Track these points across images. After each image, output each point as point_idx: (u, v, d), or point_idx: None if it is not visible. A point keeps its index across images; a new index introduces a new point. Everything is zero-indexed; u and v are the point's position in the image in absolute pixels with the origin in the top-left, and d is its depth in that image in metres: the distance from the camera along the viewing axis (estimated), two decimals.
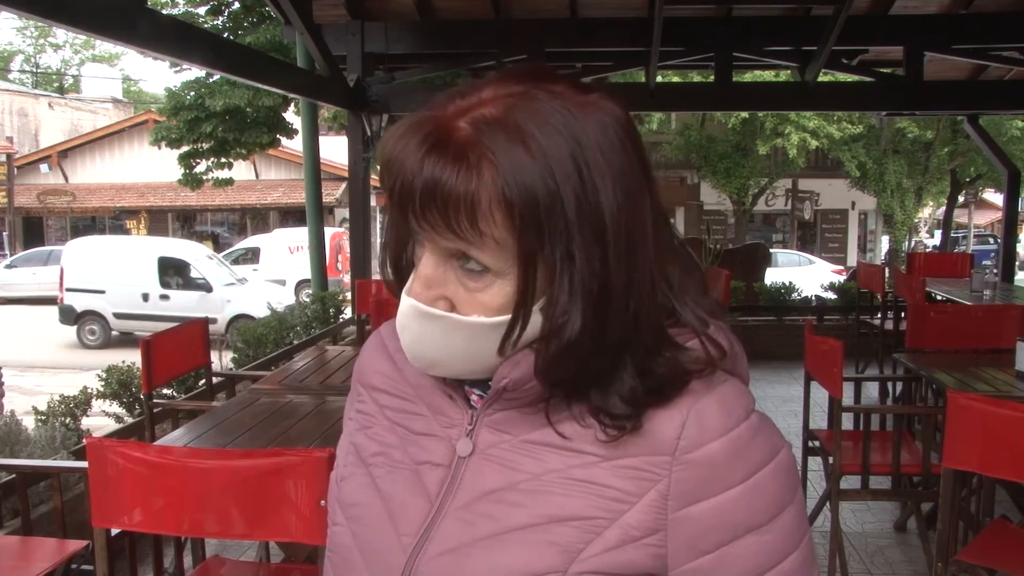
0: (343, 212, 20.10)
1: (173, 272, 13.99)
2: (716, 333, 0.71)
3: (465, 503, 0.71)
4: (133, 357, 3.97)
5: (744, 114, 18.07)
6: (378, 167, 0.68)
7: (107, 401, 4.47)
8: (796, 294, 8.62)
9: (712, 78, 7.22)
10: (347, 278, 12.58)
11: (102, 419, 4.52)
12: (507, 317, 0.66)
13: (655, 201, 0.69)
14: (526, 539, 0.67)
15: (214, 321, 9.66)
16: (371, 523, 0.74)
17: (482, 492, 0.71)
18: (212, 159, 11.52)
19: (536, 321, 0.67)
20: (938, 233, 25.83)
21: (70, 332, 13.98)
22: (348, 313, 7.25)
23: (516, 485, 0.69)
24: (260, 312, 9.70)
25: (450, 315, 0.67)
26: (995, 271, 7.12)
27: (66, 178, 24.69)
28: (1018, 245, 15.52)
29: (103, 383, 4.46)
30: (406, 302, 0.69)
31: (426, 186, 0.63)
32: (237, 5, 10.82)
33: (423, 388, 0.78)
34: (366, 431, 0.81)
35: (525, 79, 0.67)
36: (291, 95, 8.85)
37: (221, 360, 5.43)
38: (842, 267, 18.88)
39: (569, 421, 0.70)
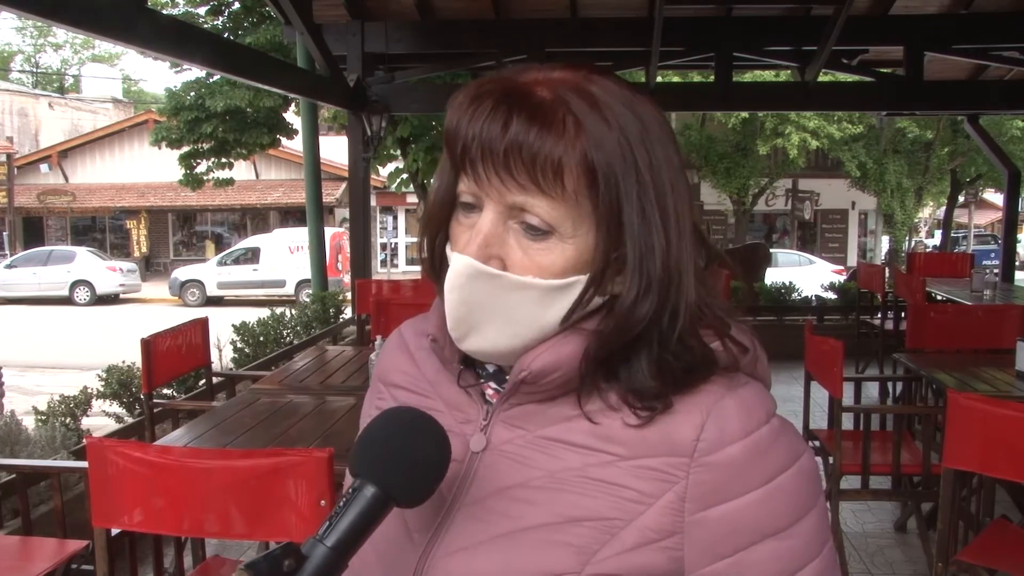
0: (343, 212, 20.12)
1: None
2: (738, 333, 0.71)
3: (477, 500, 0.70)
4: None
5: (744, 114, 18.08)
6: (445, 128, 0.69)
7: (107, 401, 4.47)
8: (796, 294, 8.62)
9: (712, 78, 7.23)
10: (347, 278, 12.58)
11: (102, 419, 4.52)
12: (562, 281, 0.67)
13: (692, 198, 0.72)
14: (541, 538, 0.66)
15: None
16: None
17: (495, 489, 0.70)
18: (212, 159, 11.52)
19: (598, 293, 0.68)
20: (938, 233, 25.82)
21: (70, 332, 13.95)
22: (348, 313, 7.25)
23: (530, 482, 0.69)
24: None
25: (505, 274, 0.67)
26: (995, 272, 7.13)
27: (66, 178, 24.69)
28: (1018, 245, 15.52)
29: (103, 383, 4.46)
30: (460, 259, 0.68)
31: (514, 140, 0.64)
32: (237, 5, 10.81)
33: (441, 384, 0.78)
34: None
35: (585, 67, 0.70)
36: (291, 95, 8.86)
37: (221, 360, 5.43)
38: (842, 267, 18.87)
39: (599, 411, 0.69)
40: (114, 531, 2.04)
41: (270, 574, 0.59)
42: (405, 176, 10.70)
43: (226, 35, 10.35)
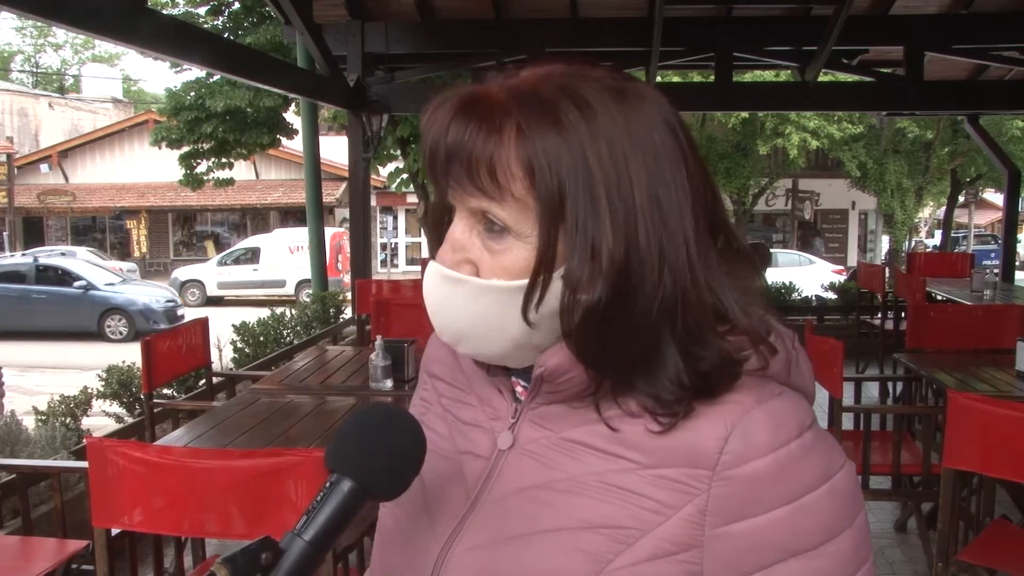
0: (343, 212, 20.11)
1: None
2: (775, 340, 0.68)
3: (499, 498, 0.70)
4: None
5: (744, 114, 18.07)
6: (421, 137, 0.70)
7: (107, 401, 4.48)
8: (796, 294, 8.62)
9: (712, 78, 7.23)
10: (347, 278, 12.59)
11: (102, 419, 4.52)
12: (525, 281, 0.65)
13: (699, 188, 0.68)
14: (555, 542, 0.66)
15: None
16: (411, 508, 0.75)
17: (517, 488, 0.70)
18: (213, 159, 11.53)
19: (557, 288, 0.65)
20: (938, 233, 25.81)
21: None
22: (348, 313, 7.25)
23: (551, 484, 0.68)
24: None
25: (470, 278, 0.67)
26: (995, 272, 7.13)
27: (66, 178, 24.69)
28: (1018, 245, 15.53)
29: (103, 383, 4.46)
30: (431, 267, 0.69)
31: (453, 141, 0.65)
32: (237, 5, 10.82)
33: (475, 378, 0.78)
34: (422, 418, 0.80)
35: (563, 62, 0.69)
36: (291, 95, 8.86)
37: (221, 360, 5.44)
38: (842, 267, 18.87)
39: (619, 417, 0.67)
40: (114, 531, 2.05)
41: (247, 568, 0.59)
42: (405, 176, 10.71)
43: (226, 35, 10.35)
